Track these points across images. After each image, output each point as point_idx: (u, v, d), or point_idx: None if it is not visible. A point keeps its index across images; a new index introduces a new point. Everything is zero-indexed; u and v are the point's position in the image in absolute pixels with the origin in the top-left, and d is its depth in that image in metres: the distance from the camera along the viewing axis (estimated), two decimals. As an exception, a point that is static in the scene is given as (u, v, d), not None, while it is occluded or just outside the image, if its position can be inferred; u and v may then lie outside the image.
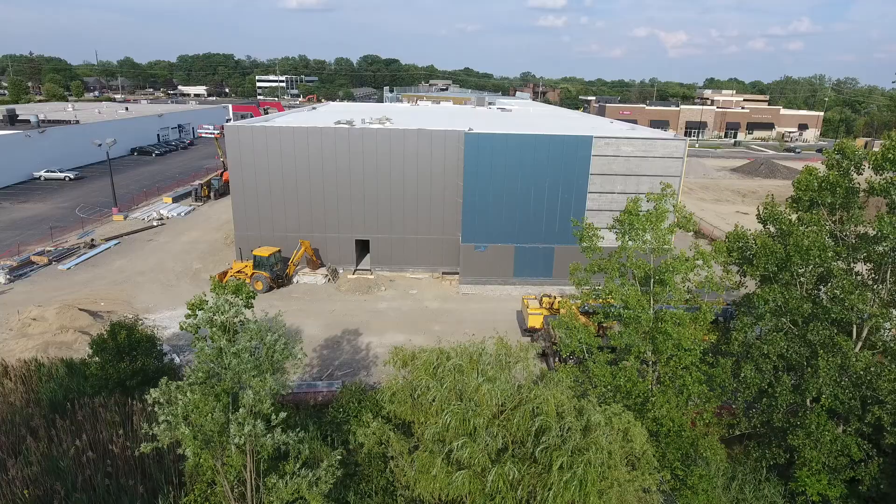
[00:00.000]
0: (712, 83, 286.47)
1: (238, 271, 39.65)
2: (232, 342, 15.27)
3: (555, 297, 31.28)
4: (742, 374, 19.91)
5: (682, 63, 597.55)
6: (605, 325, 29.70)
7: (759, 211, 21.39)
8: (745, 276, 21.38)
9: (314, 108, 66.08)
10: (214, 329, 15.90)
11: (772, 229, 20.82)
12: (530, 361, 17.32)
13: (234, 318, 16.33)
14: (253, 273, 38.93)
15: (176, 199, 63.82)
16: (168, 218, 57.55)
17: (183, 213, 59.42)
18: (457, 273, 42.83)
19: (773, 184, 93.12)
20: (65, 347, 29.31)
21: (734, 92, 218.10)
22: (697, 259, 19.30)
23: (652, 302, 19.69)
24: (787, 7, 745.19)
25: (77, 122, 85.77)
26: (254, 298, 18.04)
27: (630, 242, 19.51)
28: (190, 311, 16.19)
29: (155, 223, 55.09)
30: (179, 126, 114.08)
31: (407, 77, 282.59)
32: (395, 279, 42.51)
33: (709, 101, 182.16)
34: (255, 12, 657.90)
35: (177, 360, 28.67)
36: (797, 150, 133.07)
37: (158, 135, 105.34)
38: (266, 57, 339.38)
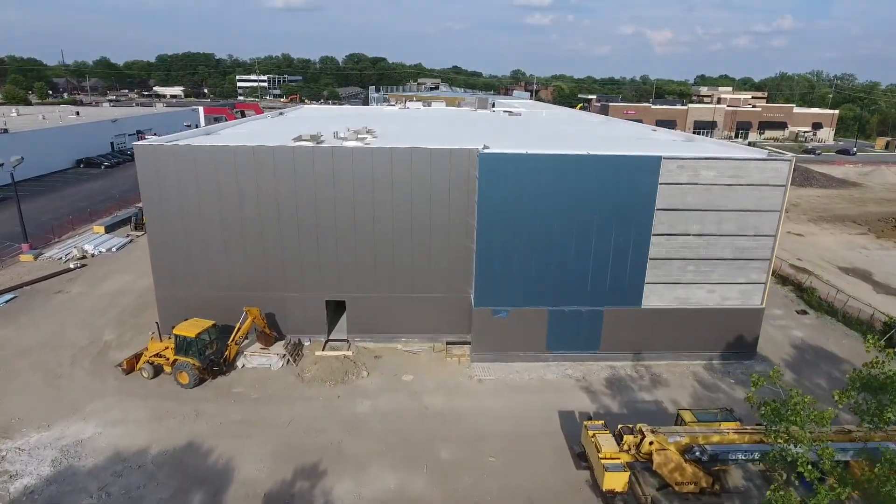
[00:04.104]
0: (704, 80, 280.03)
1: (156, 355, 27.66)
2: None
3: (640, 430, 19.23)
4: None
5: (669, 60, 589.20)
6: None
7: None
8: None
9: (281, 114, 53.74)
10: None
11: None
12: None
13: None
14: (175, 360, 26.93)
15: (110, 228, 51.55)
16: (93, 255, 45.29)
17: (115, 248, 47.13)
18: (467, 343, 31.19)
19: (811, 193, 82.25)
20: None
21: (732, 89, 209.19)
22: None
23: None
24: (769, 4, 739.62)
25: (5, 130, 72.31)
26: None
27: None
28: None
29: (73, 265, 42.76)
30: (139, 132, 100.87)
31: (394, 76, 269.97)
32: (381, 354, 30.70)
33: (706, 99, 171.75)
34: (240, 13, 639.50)
35: None
36: (816, 152, 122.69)
37: (112, 143, 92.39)
38: (250, 56, 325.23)
